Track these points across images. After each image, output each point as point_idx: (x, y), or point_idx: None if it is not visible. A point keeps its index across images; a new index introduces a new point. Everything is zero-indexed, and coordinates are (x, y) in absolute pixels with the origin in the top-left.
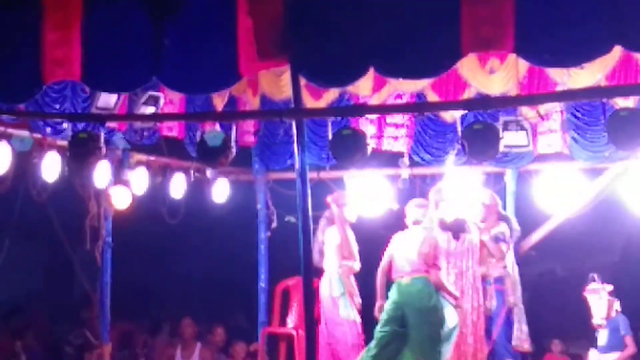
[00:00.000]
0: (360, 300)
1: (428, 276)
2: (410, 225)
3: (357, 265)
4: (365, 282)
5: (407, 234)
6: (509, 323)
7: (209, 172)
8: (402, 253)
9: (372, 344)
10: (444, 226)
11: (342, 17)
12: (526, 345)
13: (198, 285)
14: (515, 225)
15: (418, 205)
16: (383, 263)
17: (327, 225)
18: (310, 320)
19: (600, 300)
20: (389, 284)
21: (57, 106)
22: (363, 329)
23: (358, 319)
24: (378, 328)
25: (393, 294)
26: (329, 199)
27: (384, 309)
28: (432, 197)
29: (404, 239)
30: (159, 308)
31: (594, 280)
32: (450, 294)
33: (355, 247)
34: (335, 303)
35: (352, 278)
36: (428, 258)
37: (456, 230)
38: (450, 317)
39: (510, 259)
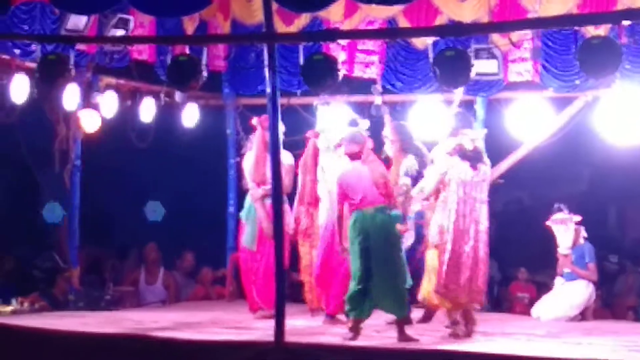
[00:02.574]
0: (269, 225)
1: (388, 205)
2: (345, 157)
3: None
4: None
5: (350, 166)
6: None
7: (177, 96)
8: (356, 184)
9: (356, 277)
10: (464, 155)
11: None
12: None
13: (167, 210)
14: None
15: (355, 141)
16: (340, 204)
17: (249, 149)
18: (280, 245)
19: (567, 232)
20: None
21: (26, 27)
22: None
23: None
24: (357, 263)
25: (358, 223)
26: (254, 120)
27: (352, 242)
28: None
29: (351, 172)
30: (127, 233)
31: (560, 210)
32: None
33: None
34: (242, 228)
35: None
36: (384, 186)
37: (475, 160)
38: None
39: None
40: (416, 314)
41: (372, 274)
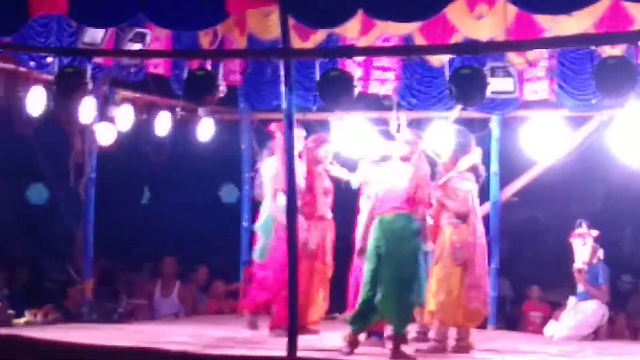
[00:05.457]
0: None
1: (413, 214)
2: (395, 161)
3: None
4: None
5: (393, 169)
6: None
7: (200, 111)
8: (386, 188)
9: (365, 281)
10: (475, 172)
11: None
12: None
13: (180, 223)
14: None
15: (407, 142)
16: (372, 203)
17: (267, 156)
18: (294, 260)
19: (584, 246)
20: None
21: (43, 40)
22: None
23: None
24: (367, 267)
25: (376, 227)
26: (272, 126)
27: (369, 246)
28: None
29: (390, 175)
30: (141, 246)
31: (580, 226)
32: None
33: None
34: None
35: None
36: (416, 194)
37: (477, 176)
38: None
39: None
40: None
41: (379, 280)
